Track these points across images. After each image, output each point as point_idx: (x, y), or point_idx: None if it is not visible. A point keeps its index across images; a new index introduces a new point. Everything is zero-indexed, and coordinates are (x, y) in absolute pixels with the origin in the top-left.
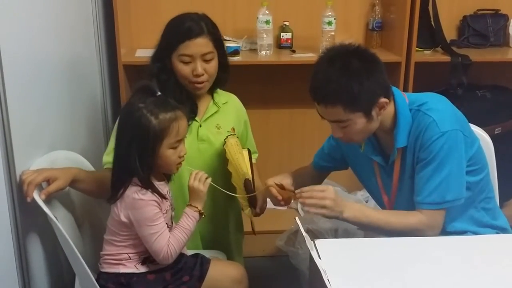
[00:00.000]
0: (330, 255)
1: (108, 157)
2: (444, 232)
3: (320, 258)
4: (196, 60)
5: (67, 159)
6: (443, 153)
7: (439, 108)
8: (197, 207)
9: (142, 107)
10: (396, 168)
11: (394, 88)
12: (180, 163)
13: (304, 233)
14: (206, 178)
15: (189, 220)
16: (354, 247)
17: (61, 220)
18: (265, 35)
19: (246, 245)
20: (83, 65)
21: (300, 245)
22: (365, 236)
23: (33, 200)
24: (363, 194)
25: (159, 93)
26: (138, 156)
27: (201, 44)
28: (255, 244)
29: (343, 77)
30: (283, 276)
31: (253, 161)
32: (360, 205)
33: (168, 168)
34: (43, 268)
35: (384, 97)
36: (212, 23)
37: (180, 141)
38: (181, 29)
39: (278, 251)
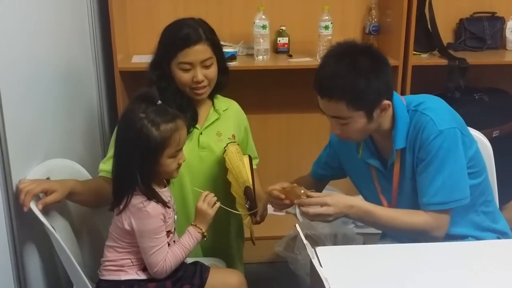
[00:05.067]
0: (331, 262)
1: (104, 165)
2: (445, 236)
3: (321, 266)
4: (196, 67)
5: (64, 167)
6: (442, 152)
7: (436, 107)
8: (201, 229)
9: (143, 117)
10: (396, 171)
11: None
12: (178, 169)
13: (304, 241)
14: (215, 202)
15: (191, 240)
16: (355, 255)
17: (58, 229)
18: (261, 40)
19: (245, 251)
20: (79, 72)
21: (299, 251)
22: (364, 242)
23: (30, 209)
24: (362, 199)
25: (160, 102)
26: (139, 167)
27: (200, 51)
28: (254, 250)
29: (351, 73)
30: (282, 282)
31: (254, 167)
32: (364, 203)
33: (168, 175)
34: (41, 278)
35: (387, 100)
36: (210, 28)
37: (180, 150)
38: (178, 36)
39: (276, 257)
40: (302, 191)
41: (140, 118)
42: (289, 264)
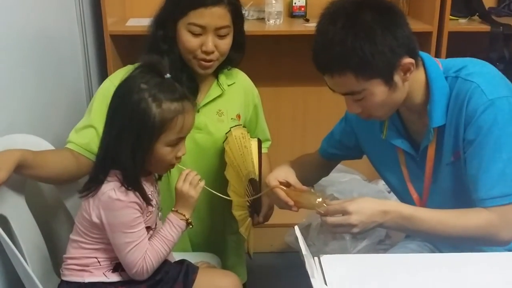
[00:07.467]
0: (340, 276)
1: (76, 136)
2: None
3: (326, 284)
4: (208, 33)
5: (26, 145)
6: (497, 128)
7: (483, 72)
8: (184, 215)
9: (144, 88)
10: (430, 155)
11: (424, 54)
12: (173, 165)
13: (304, 251)
14: (199, 181)
15: (173, 230)
16: (371, 266)
17: (13, 219)
18: (274, 1)
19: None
20: (60, 36)
21: (313, 242)
22: (387, 233)
23: None
24: (397, 201)
25: (168, 75)
26: (129, 148)
27: (217, 15)
28: (262, 238)
29: (349, 36)
30: (292, 274)
31: (264, 150)
32: (403, 207)
33: (157, 168)
34: None
35: (409, 57)
36: None
37: (182, 139)
38: None
39: (287, 246)
40: (318, 200)
41: (140, 89)
42: (300, 255)
